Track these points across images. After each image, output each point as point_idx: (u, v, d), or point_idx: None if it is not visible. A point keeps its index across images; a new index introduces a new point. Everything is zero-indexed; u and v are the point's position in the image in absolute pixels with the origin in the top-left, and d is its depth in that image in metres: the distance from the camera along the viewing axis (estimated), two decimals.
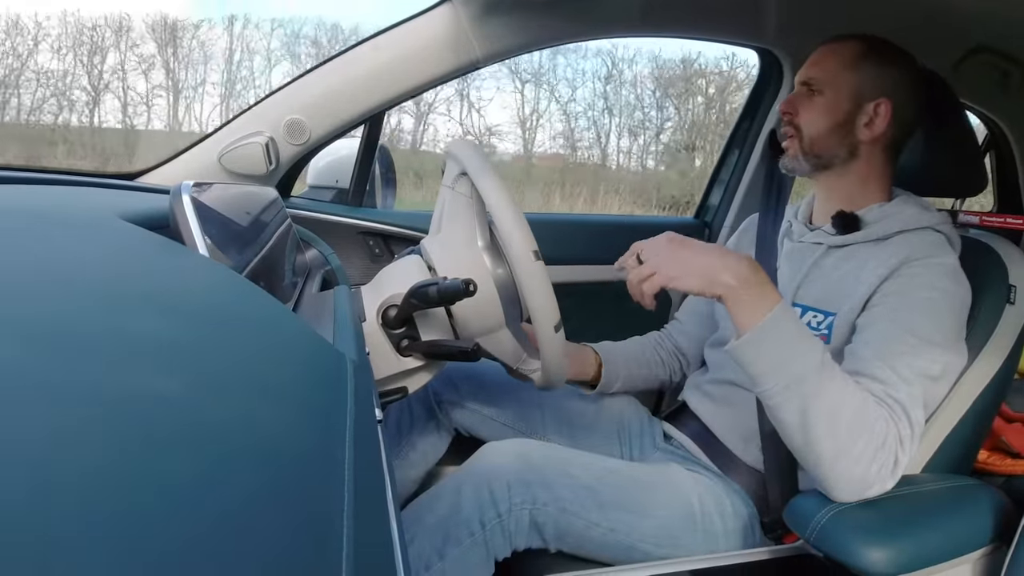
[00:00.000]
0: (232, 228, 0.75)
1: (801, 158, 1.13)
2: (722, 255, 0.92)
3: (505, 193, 0.87)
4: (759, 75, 1.79)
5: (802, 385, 0.87)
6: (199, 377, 0.34)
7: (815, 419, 0.87)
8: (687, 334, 1.40)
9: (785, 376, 0.88)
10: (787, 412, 0.89)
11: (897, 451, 0.89)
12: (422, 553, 0.93)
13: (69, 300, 0.36)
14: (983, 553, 0.94)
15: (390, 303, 0.95)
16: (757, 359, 0.90)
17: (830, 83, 1.10)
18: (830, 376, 0.88)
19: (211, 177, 1.41)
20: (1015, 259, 1.09)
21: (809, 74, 1.12)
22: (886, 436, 0.88)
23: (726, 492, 1.08)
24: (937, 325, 0.96)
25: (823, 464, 0.89)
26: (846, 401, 0.88)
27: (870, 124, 1.10)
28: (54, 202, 0.73)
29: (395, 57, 1.41)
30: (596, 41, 3.37)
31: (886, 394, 0.91)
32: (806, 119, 1.11)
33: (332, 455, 0.36)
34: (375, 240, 1.59)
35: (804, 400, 0.87)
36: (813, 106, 1.11)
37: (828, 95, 1.10)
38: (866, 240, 1.09)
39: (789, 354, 0.88)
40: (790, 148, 1.14)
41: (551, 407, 1.31)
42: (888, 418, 0.89)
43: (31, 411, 0.25)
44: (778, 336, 0.89)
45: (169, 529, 0.23)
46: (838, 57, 1.11)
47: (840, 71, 1.10)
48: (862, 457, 0.87)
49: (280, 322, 0.52)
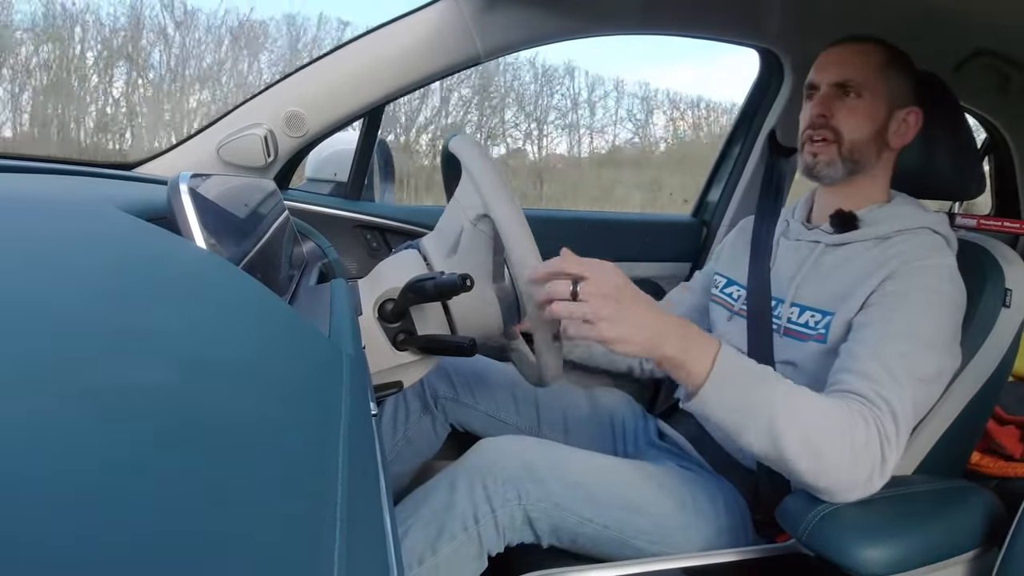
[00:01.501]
0: (230, 220, 0.75)
1: (839, 163, 1.10)
2: (660, 320, 0.87)
3: (530, 244, 0.86)
4: (759, 74, 1.79)
5: (769, 419, 0.87)
6: (194, 369, 0.34)
7: (790, 445, 0.87)
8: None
9: (751, 415, 0.88)
10: (761, 447, 0.89)
11: (883, 450, 0.89)
12: (415, 547, 0.93)
13: (66, 291, 0.36)
14: (974, 555, 0.95)
15: (387, 297, 0.95)
16: (719, 408, 0.89)
17: (868, 87, 1.08)
18: (795, 399, 0.89)
19: (209, 168, 1.40)
20: (1012, 262, 1.09)
21: (844, 75, 1.09)
22: (867, 439, 0.88)
23: (719, 490, 1.09)
24: (934, 326, 0.97)
25: (806, 478, 0.90)
26: (817, 418, 0.88)
27: (899, 131, 1.09)
28: (51, 192, 0.73)
29: (396, 51, 1.41)
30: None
31: (874, 392, 0.91)
32: (848, 123, 1.08)
33: (326, 448, 0.36)
34: (373, 234, 1.59)
35: (774, 432, 0.87)
36: (853, 110, 1.08)
37: (867, 99, 1.08)
38: (864, 239, 1.09)
39: (747, 393, 0.88)
40: (823, 154, 1.10)
41: (546, 404, 1.31)
42: (869, 419, 0.89)
43: (26, 402, 0.25)
44: (731, 380, 0.89)
45: (161, 522, 0.23)
46: (869, 60, 1.09)
47: (875, 74, 1.08)
48: (844, 465, 0.88)
49: (276, 315, 0.52)
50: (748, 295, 1.18)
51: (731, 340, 1.17)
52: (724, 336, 1.19)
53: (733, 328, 1.19)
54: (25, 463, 0.21)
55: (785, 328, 1.11)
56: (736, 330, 1.18)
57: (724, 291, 1.26)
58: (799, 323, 1.10)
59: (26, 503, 0.20)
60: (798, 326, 1.10)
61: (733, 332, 1.19)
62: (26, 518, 0.19)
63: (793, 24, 1.60)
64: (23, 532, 0.19)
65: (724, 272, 1.29)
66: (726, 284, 1.27)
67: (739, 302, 1.21)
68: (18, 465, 0.21)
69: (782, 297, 1.14)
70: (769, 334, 1.12)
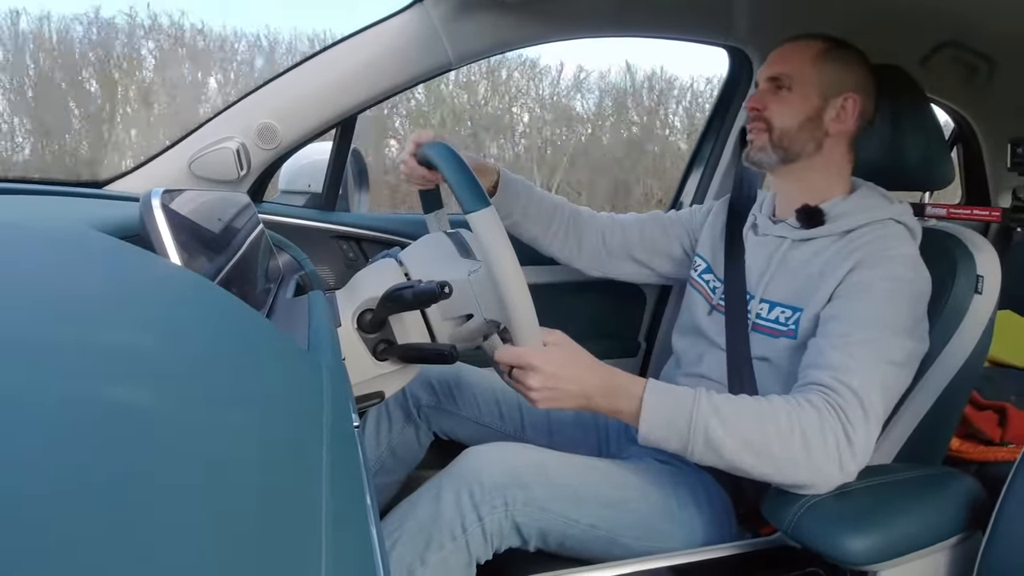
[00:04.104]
0: (204, 235, 0.74)
1: (770, 150, 1.14)
2: (587, 384, 0.94)
3: (525, 296, 0.86)
4: (728, 73, 1.81)
5: (704, 435, 0.92)
6: (173, 387, 0.34)
7: (732, 453, 0.92)
8: (622, 241, 1.39)
9: (687, 436, 0.93)
10: (710, 460, 0.94)
11: (847, 435, 0.91)
12: (404, 559, 0.93)
13: (41, 312, 0.35)
14: (958, 539, 0.96)
15: (365, 307, 0.95)
16: (660, 440, 0.95)
17: (798, 78, 1.12)
18: (723, 409, 0.93)
19: (181, 184, 1.39)
20: (982, 249, 1.11)
21: (776, 70, 1.14)
22: (822, 426, 0.91)
23: (701, 484, 1.10)
24: (896, 313, 0.99)
25: (773, 479, 0.94)
26: (753, 421, 0.92)
27: (839, 118, 1.12)
28: (23, 213, 0.72)
29: (366, 59, 1.40)
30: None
31: (835, 380, 0.94)
32: (777, 113, 1.13)
33: (309, 463, 0.36)
34: (349, 244, 1.58)
35: (712, 444, 0.92)
36: (783, 101, 1.13)
37: (797, 90, 1.12)
38: (830, 234, 1.11)
39: (676, 418, 0.93)
40: (756, 140, 1.15)
41: (528, 407, 1.31)
42: (824, 407, 0.92)
43: (2, 423, 0.24)
44: (660, 413, 0.94)
45: (144, 540, 0.22)
46: (803, 54, 1.13)
47: (807, 67, 1.12)
48: (801, 458, 0.91)
49: (254, 329, 0.52)
50: (725, 292, 1.19)
51: (711, 336, 1.19)
52: (705, 332, 1.20)
53: (712, 324, 1.20)
54: (7, 481, 0.21)
55: (754, 324, 1.13)
56: (715, 326, 1.19)
57: (703, 276, 1.27)
58: (769, 319, 1.12)
59: (11, 520, 0.20)
60: (768, 322, 1.12)
61: (712, 328, 1.20)
62: (12, 532, 0.19)
63: (762, 23, 1.61)
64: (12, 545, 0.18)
65: (703, 255, 1.30)
66: (705, 270, 1.28)
67: (716, 295, 1.22)
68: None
69: (752, 293, 1.16)
70: (746, 331, 1.14)
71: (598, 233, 1.39)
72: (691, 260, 1.35)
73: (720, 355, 1.16)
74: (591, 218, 1.41)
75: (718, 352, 1.17)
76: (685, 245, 1.38)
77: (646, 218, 1.41)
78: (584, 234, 1.39)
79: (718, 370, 1.16)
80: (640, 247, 1.39)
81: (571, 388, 0.93)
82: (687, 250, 1.38)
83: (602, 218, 1.41)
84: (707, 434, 0.91)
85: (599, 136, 7.45)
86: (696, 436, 0.92)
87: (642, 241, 1.39)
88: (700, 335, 1.22)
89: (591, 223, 1.40)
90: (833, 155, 1.15)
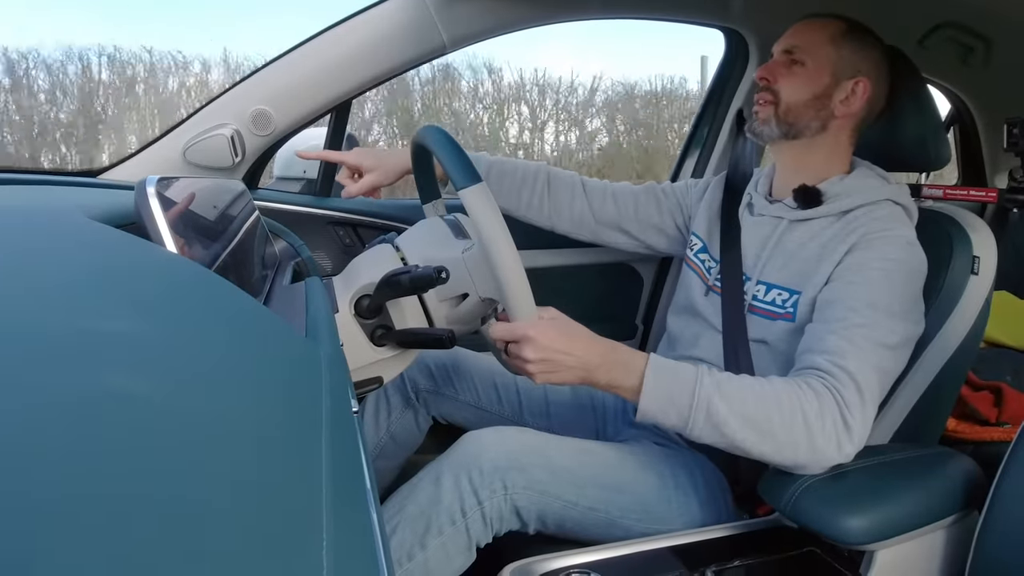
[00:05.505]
0: (200, 222, 0.74)
1: (774, 123, 1.13)
2: (587, 359, 0.93)
3: (519, 270, 0.86)
4: (724, 55, 1.80)
5: (706, 412, 0.92)
6: (171, 374, 0.34)
7: (734, 431, 0.92)
8: (614, 212, 1.38)
9: (689, 413, 0.92)
10: (710, 438, 0.94)
11: (844, 417, 0.91)
12: (404, 543, 0.94)
13: (40, 302, 0.35)
14: (955, 519, 0.97)
15: (363, 293, 0.94)
16: (660, 415, 0.94)
17: (812, 54, 1.11)
18: (727, 388, 0.93)
19: (176, 171, 1.38)
20: (979, 230, 1.11)
21: (793, 42, 1.13)
22: (821, 409, 0.91)
23: (697, 465, 1.11)
24: (891, 295, 0.99)
25: (772, 459, 0.94)
26: (756, 401, 0.92)
27: (847, 100, 1.11)
28: (19, 203, 0.72)
29: (360, 44, 1.39)
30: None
31: (831, 363, 0.94)
32: (786, 86, 1.12)
33: (309, 449, 0.36)
34: (345, 230, 1.58)
35: (714, 421, 0.92)
36: (794, 74, 1.12)
37: (809, 66, 1.11)
38: (827, 215, 1.11)
39: (679, 395, 0.93)
40: (761, 112, 1.14)
41: (527, 391, 1.32)
42: (823, 390, 0.92)
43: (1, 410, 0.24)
44: (662, 388, 0.93)
45: (145, 526, 0.22)
46: (821, 32, 1.12)
47: (823, 44, 1.11)
48: (802, 439, 0.91)
49: (251, 316, 0.52)
50: (721, 273, 1.18)
51: (708, 317, 1.19)
52: (701, 312, 1.20)
53: (708, 305, 1.20)
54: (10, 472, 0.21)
55: (751, 306, 1.13)
56: (711, 307, 1.19)
57: (699, 256, 1.27)
58: (766, 301, 1.11)
59: (15, 513, 0.20)
60: (765, 304, 1.11)
61: (708, 309, 1.20)
62: (21, 530, 0.19)
63: (759, 4, 1.60)
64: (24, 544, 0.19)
65: (699, 234, 1.29)
66: (700, 249, 1.27)
67: (712, 276, 1.22)
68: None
69: (748, 274, 1.15)
70: (742, 313, 1.13)
71: (584, 201, 1.37)
72: (684, 236, 1.34)
73: (716, 337, 1.16)
74: (575, 185, 1.38)
75: (714, 334, 1.17)
76: (678, 221, 1.37)
77: (640, 190, 1.40)
78: (564, 201, 1.37)
79: (714, 352, 1.16)
80: (633, 220, 1.38)
81: (568, 360, 0.92)
82: (680, 226, 1.37)
83: (593, 185, 1.39)
84: (709, 410, 0.91)
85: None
86: (698, 413, 0.92)
87: (636, 214, 1.38)
88: (696, 316, 1.22)
89: (575, 190, 1.38)
90: (838, 138, 1.14)
